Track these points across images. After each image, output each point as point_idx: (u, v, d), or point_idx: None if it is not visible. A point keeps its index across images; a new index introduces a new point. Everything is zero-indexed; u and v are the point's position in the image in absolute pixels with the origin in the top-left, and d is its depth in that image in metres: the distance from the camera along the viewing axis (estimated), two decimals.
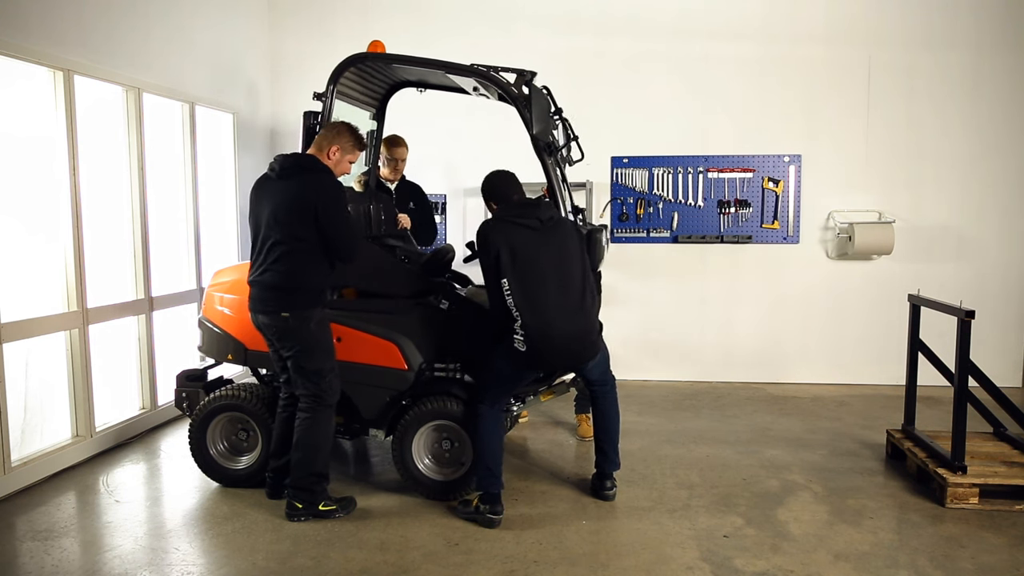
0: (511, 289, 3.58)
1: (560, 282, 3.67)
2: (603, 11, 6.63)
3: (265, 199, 3.76)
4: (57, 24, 4.35)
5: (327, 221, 3.65)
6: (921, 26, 6.40)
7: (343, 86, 4.33)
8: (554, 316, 3.61)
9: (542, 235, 3.69)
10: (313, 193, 3.65)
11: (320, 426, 3.79)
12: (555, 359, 3.75)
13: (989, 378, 4.10)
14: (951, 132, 6.43)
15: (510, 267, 3.59)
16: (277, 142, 7.08)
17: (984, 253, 6.49)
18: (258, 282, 3.76)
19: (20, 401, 4.24)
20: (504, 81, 4.14)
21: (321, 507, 3.80)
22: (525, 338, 3.58)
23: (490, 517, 3.73)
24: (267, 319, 3.75)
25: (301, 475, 3.78)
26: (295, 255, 3.68)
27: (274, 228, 3.68)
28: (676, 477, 4.42)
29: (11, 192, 4.22)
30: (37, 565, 3.34)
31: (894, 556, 3.45)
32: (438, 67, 4.22)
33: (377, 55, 4.24)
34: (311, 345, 3.75)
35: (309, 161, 3.77)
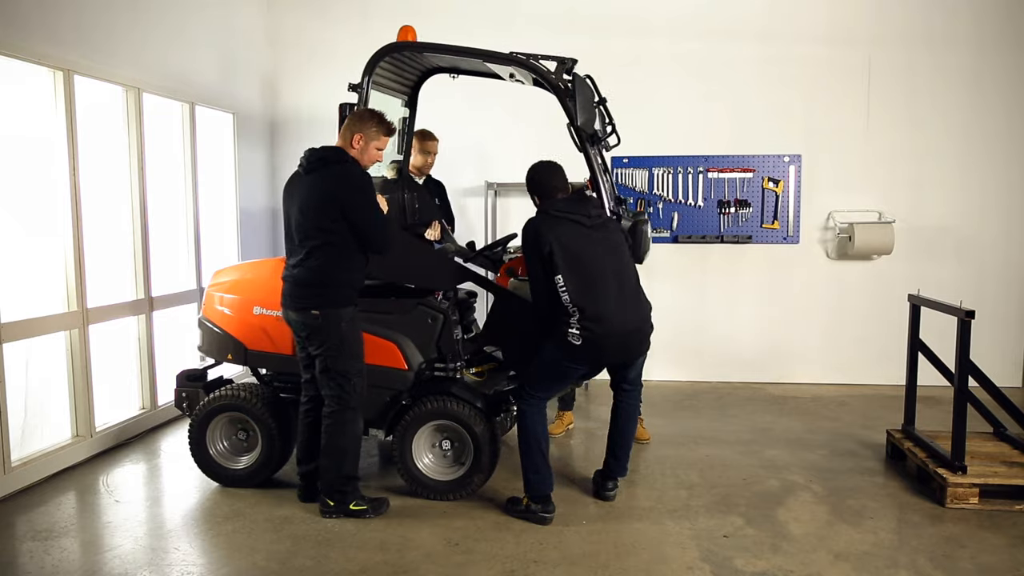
0: (566, 286, 3.54)
1: (616, 277, 3.65)
2: (603, 10, 6.63)
3: (295, 195, 3.72)
4: (57, 24, 4.35)
5: (354, 213, 3.59)
6: (921, 26, 6.39)
7: (376, 74, 4.23)
8: (614, 311, 3.59)
9: (592, 231, 3.66)
10: (337, 186, 3.59)
11: (346, 429, 3.75)
12: (611, 353, 3.72)
13: (989, 378, 4.10)
14: (951, 132, 6.43)
15: (564, 263, 3.55)
16: (277, 141, 7.09)
17: (984, 253, 6.49)
18: (290, 278, 3.73)
19: (20, 401, 4.24)
20: (544, 70, 4.05)
21: (352, 507, 3.79)
22: (582, 332, 3.54)
23: (542, 516, 3.73)
24: (298, 316, 3.71)
25: (331, 479, 3.77)
26: (325, 251, 3.63)
27: (303, 224, 3.65)
28: (676, 477, 4.42)
29: (11, 192, 4.22)
30: (37, 565, 3.34)
31: (894, 556, 3.45)
32: (476, 56, 4.13)
33: (414, 44, 4.16)
34: (340, 345, 3.70)
35: (333, 153, 3.69)
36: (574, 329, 3.56)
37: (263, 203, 6.97)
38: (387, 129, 3.77)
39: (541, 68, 4.06)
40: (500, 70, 4.32)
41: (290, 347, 4.16)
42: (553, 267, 3.56)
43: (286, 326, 4.14)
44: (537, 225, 3.64)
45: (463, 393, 3.99)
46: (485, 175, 6.79)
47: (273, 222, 7.11)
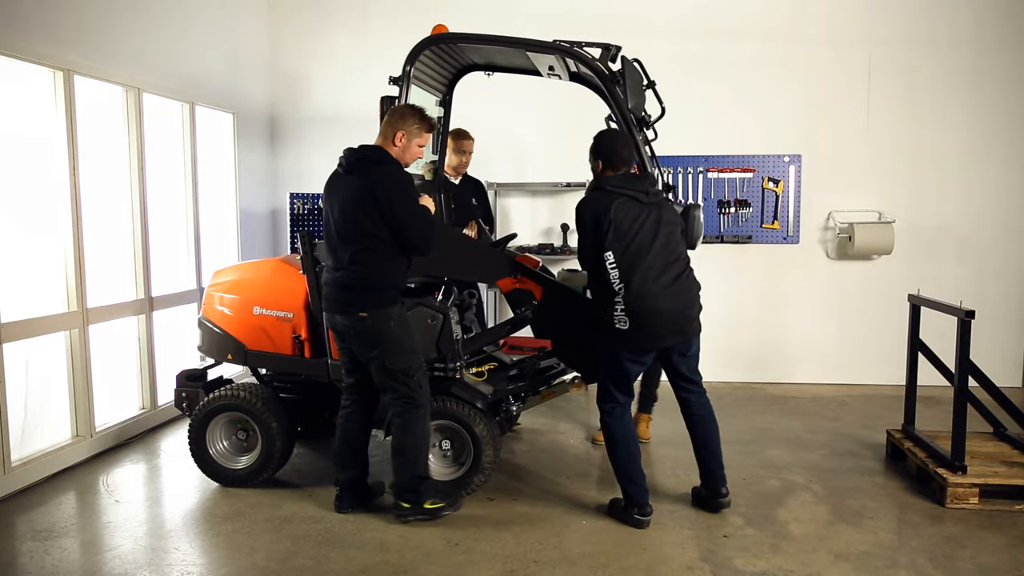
0: (615, 262, 3.50)
1: (665, 257, 3.59)
2: (602, 10, 6.62)
3: (335, 196, 3.65)
4: (57, 24, 4.35)
5: (396, 215, 3.53)
6: (922, 25, 6.39)
7: (415, 69, 4.18)
8: (660, 290, 3.53)
9: (648, 209, 3.60)
10: (379, 187, 3.52)
11: (417, 427, 3.70)
12: (659, 334, 3.61)
13: (989, 378, 4.10)
14: (951, 132, 6.43)
15: (615, 239, 3.51)
16: (277, 141, 7.09)
17: (984, 253, 6.49)
18: (333, 282, 3.67)
19: (20, 401, 4.24)
20: (589, 57, 3.99)
21: (428, 505, 3.73)
22: (627, 313, 3.50)
23: (638, 519, 3.70)
24: (345, 320, 3.65)
25: (405, 479, 3.72)
26: (369, 252, 3.58)
27: (345, 226, 3.59)
28: (676, 477, 4.42)
29: (11, 192, 4.22)
30: (37, 565, 3.34)
31: (894, 556, 3.45)
32: (519, 45, 4.07)
33: (457, 35, 4.10)
34: (393, 344, 3.65)
35: (374, 153, 3.63)
36: (619, 311, 3.50)
37: (263, 203, 6.97)
38: (428, 125, 3.71)
39: (586, 56, 3.99)
40: (540, 63, 4.24)
41: (290, 347, 4.16)
42: (605, 244, 3.52)
43: (286, 326, 4.16)
44: (595, 202, 3.58)
45: (463, 393, 3.99)
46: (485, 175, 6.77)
47: (273, 222, 7.11)
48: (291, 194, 6.66)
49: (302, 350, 4.16)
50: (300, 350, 4.16)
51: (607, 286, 3.54)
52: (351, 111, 6.97)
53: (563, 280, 4.28)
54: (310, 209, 6.58)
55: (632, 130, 4.01)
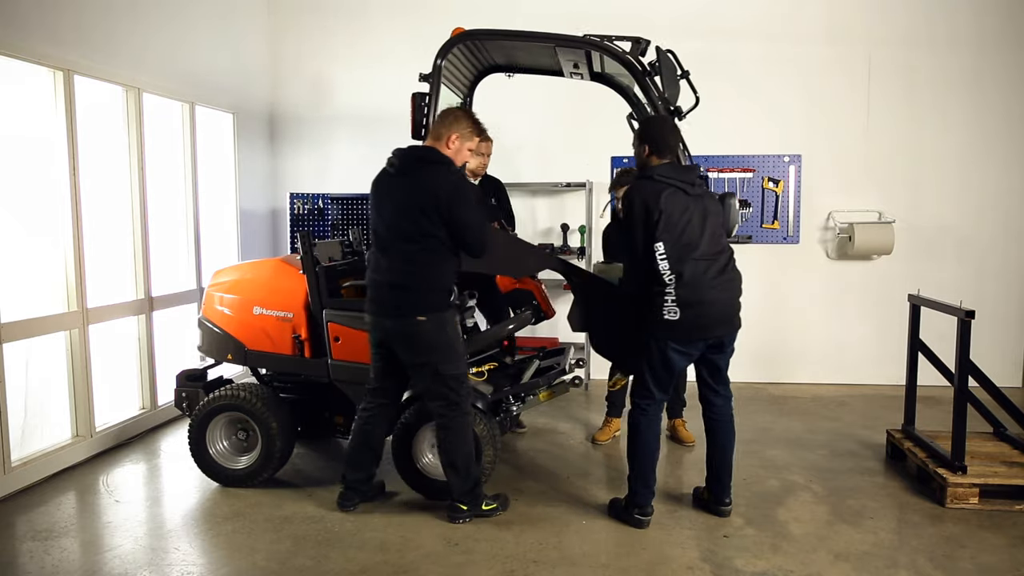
0: (666, 253, 3.48)
1: (713, 247, 3.58)
2: (603, 10, 6.62)
3: (387, 197, 3.61)
4: (57, 24, 4.35)
5: (455, 216, 3.50)
6: (922, 25, 6.39)
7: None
8: (710, 281, 3.52)
9: (694, 200, 3.58)
10: (438, 187, 3.49)
11: (467, 433, 3.70)
12: (709, 325, 3.59)
13: (989, 378, 4.10)
14: (951, 132, 6.43)
15: (666, 229, 3.48)
16: (278, 142, 7.09)
17: (984, 253, 6.49)
18: (385, 284, 3.60)
19: (20, 401, 4.24)
20: (621, 51, 3.97)
21: (484, 507, 3.76)
22: (679, 302, 3.47)
23: (639, 518, 3.70)
24: (398, 323, 3.59)
25: (462, 484, 3.72)
26: (427, 254, 3.54)
27: (400, 227, 3.53)
28: (676, 477, 4.42)
29: (11, 192, 4.22)
30: (37, 565, 3.34)
31: (894, 556, 3.45)
32: (550, 40, 4.04)
33: (489, 31, 4.07)
34: (449, 349, 3.62)
35: (430, 153, 3.61)
36: (670, 301, 3.48)
37: (263, 203, 6.97)
38: (480, 129, 3.72)
39: (617, 49, 3.97)
40: (566, 61, 4.21)
41: (290, 347, 4.16)
42: (655, 234, 3.48)
43: (286, 326, 4.15)
44: (645, 191, 3.55)
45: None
46: None
47: (273, 222, 7.11)
48: (291, 194, 6.66)
49: (302, 350, 4.16)
50: (300, 350, 4.16)
51: (656, 277, 3.50)
52: (351, 111, 6.97)
53: (599, 272, 4.23)
54: (310, 209, 6.59)
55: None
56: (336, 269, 4.33)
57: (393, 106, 6.91)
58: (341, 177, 6.95)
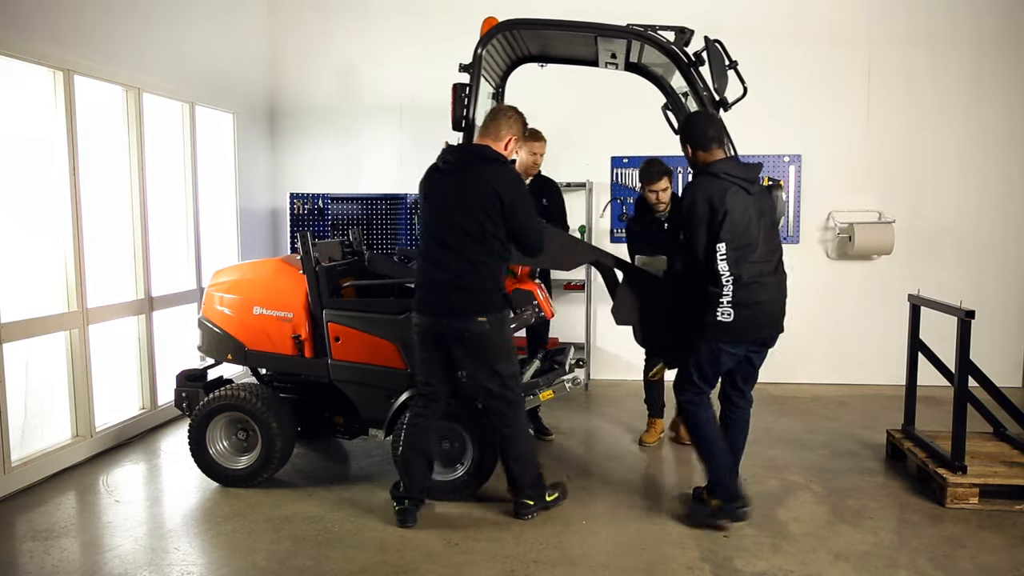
0: (727, 253, 3.42)
1: (768, 247, 3.55)
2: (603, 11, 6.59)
3: (443, 195, 3.55)
4: (57, 24, 4.35)
5: (516, 214, 3.47)
6: (922, 26, 6.39)
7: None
8: (764, 283, 3.50)
9: (754, 199, 3.53)
10: (502, 187, 3.45)
11: (524, 428, 3.72)
12: (762, 326, 3.58)
13: (989, 378, 4.10)
14: (951, 132, 6.43)
15: (728, 229, 3.41)
16: (278, 142, 7.09)
17: (984, 253, 6.48)
18: (446, 284, 3.53)
19: (20, 401, 4.24)
20: (665, 40, 3.94)
21: (548, 498, 3.79)
22: (735, 304, 3.43)
23: (739, 512, 3.65)
24: (458, 322, 3.53)
25: (531, 479, 3.73)
26: (487, 255, 3.50)
27: (463, 227, 3.47)
28: (676, 477, 4.42)
29: (11, 192, 4.22)
30: (37, 565, 3.34)
31: (894, 556, 3.45)
32: (593, 30, 4.01)
33: (530, 20, 4.03)
34: (507, 349, 3.62)
35: (489, 152, 3.56)
36: (725, 303, 3.43)
37: (263, 203, 6.97)
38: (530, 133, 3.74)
39: (661, 40, 3.94)
40: (603, 51, 4.18)
41: (290, 347, 4.16)
42: (719, 234, 3.42)
43: (286, 326, 4.15)
44: (707, 188, 3.47)
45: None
46: None
47: (273, 222, 7.11)
48: (291, 194, 6.66)
49: (302, 350, 4.16)
50: (300, 350, 4.16)
51: (715, 277, 3.44)
52: (352, 111, 6.97)
53: (643, 265, 4.19)
54: (310, 209, 6.59)
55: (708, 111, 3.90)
56: (336, 269, 4.33)
57: (393, 106, 6.94)
58: (341, 177, 6.96)
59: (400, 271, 4.62)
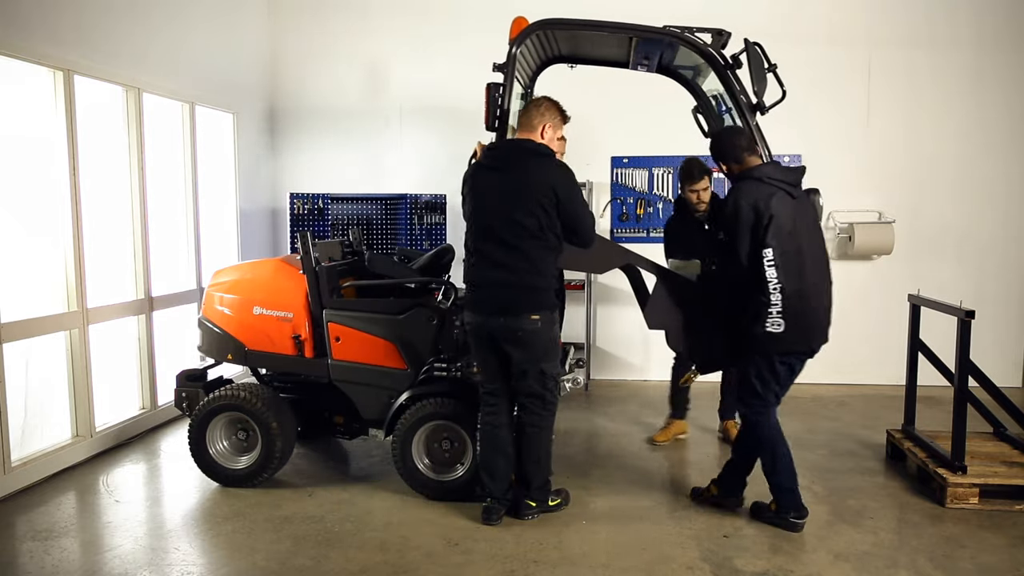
0: (775, 260, 3.36)
1: (815, 254, 3.50)
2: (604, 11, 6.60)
3: (492, 193, 3.51)
4: (57, 24, 4.35)
5: (569, 207, 3.44)
6: (921, 26, 6.39)
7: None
8: (813, 290, 3.45)
9: (798, 204, 3.49)
10: (553, 181, 3.42)
11: (550, 432, 3.72)
12: (813, 336, 3.51)
13: (989, 378, 4.10)
14: (951, 132, 6.43)
15: (775, 235, 3.36)
16: (278, 142, 7.09)
17: (984, 253, 6.48)
18: (500, 283, 3.50)
19: (20, 401, 4.24)
20: (702, 43, 3.93)
21: (550, 503, 3.79)
22: (783, 315, 3.38)
23: (793, 522, 3.63)
24: (511, 321, 3.49)
25: (541, 481, 3.74)
26: (542, 251, 3.48)
27: (519, 224, 3.43)
28: (676, 477, 4.42)
29: (11, 192, 4.22)
30: (37, 565, 3.34)
31: (894, 556, 3.45)
32: (629, 30, 4.00)
33: (567, 20, 4.01)
34: (552, 347, 3.60)
35: (536, 146, 3.52)
36: (775, 313, 3.38)
37: (263, 203, 6.97)
38: (566, 117, 3.67)
39: (698, 42, 3.93)
40: (636, 53, 4.17)
41: (290, 347, 4.16)
42: (766, 240, 3.36)
43: (286, 326, 4.16)
44: (752, 193, 3.42)
45: (463, 393, 3.98)
46: None
47: (273, 222, 7.11)
48: (291, 194, 6.66)
49: (302, 350, 4.16)
50: (300, 350, 4.16)
51: (762, 285, 3.39)
52: (352, 111, 6.97)
53: (676, 269, 4.14)
54: (310, 209, 6.58)
55: (747, 116, 3.88)
56: (336, 269, 4.33)
57: (393, 106, 6.94)
58: (341, 177, 6.96)
59: (400, 271, 4.62)
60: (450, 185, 6.85)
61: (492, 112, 3.88)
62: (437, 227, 6.53)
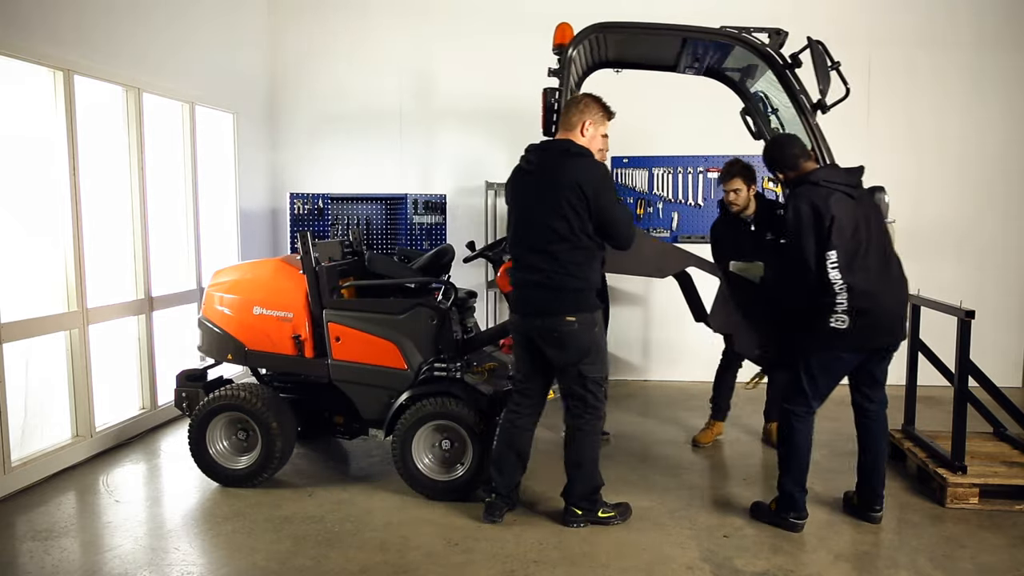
0: (838, 261, 3.37)
1: (881, 253, 3.50)
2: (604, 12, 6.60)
3: (528, 195, 3.51)
4: (57, 24, 4.35)
5: (603, 208, 3.40)
6: (921, 25, 6.39)
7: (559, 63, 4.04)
8: (881, 289, 3.44)
9: (859, 203, 3.49)
10: (584, 180, 3.37)
11: (595, 438, 3.67)
12: (880, 334, 3.50)
13: (989, 378, 4.10)
14: (951, 132, 6.43)
15: (838, 237, 3.37)
16: (278, 141, 7.09)
17: (984, 253, 6.48)
18: (534, 284, 3.51)
19: (20, 401, 4.24)
20: (760, 43, 3.88)
21: (600, 514, 3.71)
22: (849, 312, 3.37)
23: (794, 522, 3.63)
24: (548, 322, 3.49)
25: (586, 489, 3.68)
26: (576, 253, 3.44)
27: (551, 227, 3.42)
28: (676, 477, 4.42)
29: (11, 192, 4.22)
30: (37, 565, 3.34)
31: (894, 556, 3.45)
32: (685, 32, 3.97)
33: (622, 23, 3.99)
34: (595, 351, 3.57)
35: (571, 146, 3.49)
36: (839, 311, 3.38)
37: (263, 203, 6.97)
38: (610, 113, 3.61)
39: (756, 42, 3.89)
40: (686, 55, 4.17)
41: (290, 347, 4.16)
42: (829, 241, 3.37)
43: (286, 326, 4.16)
44: (814, 198, 3.42)
45: (463, 393, 3.99)
46: (484, 175, 6.78)
47: (273, 222, 7.11)
48: (291, 194, 6.66)
49: (302, 350, 4.16)
50: (300, 350, 4.16)
51: (826, 286, 3.39)
52: (352, 111, 6.98)
53: (740, 271, 4.10)
54: (310, 209, 6.58)
55: (808, 117, 3.83)
56: (336, 269, 4.33)
57: (393, 106, 6.94)
58: (341, 177, 6.96)
59: (400, 271, 4.62)
60: (449, 185, 6.87)
61: (548, 117, 3.86)
62: (437, 227, 6.54)
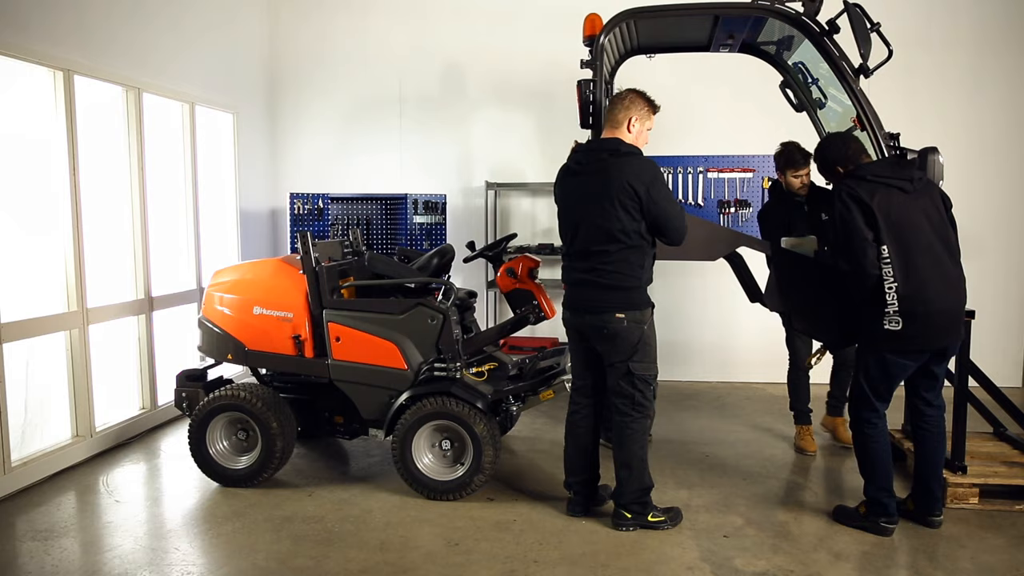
0: (889, 257, 3.29)
1: (941, 249, 3.38)
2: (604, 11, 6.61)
3: (578, 195, 3.51)
4: (57, 24, 4.35)
5: (655, 204, 3.38)
6: (921, 26, 6.40)
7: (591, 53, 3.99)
8: (936, 287, 3.33)
9: (914, 198, 3.39)
10: (635, 178, 3.36)
11: (643, 438, 3.65)
12: (936, 335, 3.39)
13: (989, 378, 4.10)
14: (951, 132, 6.42)
15: (886, 233, 3.30)
16: (278, 142, 7.09)
17: (984, 253, 6.48)
18: (587, 282, 3.53)
19: (20, 401, 4.24)
20: (794, 12, 3.86)
21: (650, 518, 3.67)
22: (901, 313, 3.30)
23: (885, 526, 3.59)
24: (598, 320, 3.50)
25: (635, 490, 3.65)
26: (629, 250, 3.44)
27: (602, 227, 3.42)
28: (676, 477, 4.42)
29: (11, 192, 4.22)
30: (37, 565, 3.34)
31: (894, 556, 3.45)
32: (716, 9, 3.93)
33: (654, 8, 3.94)
34: (644, 350, 3.56)
35: (619, 144, 3.47)
36: (892, 312, 3.32)
37: (263, 203, 6.97)
38: (655, 106, 3.59)
39: (790, 12, 3.86)
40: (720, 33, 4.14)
41: (290, 347, 4.16)
42: (877, 237, 3.31)
43: (286, 326, 4.16)
44: (858, 190, 3.35)
45: (463, 393, 3.99)
46: (485, 175, 6.79)
47: (273, 222, 7.11)
48: (291, 194, 6.66)
49: (302, 350, 4.16)
50: (300, 350, 4.16)
51: (878, 283, 3.34)
52: (352, 111, 6.98)
53: (792, 247, 4.02)
54: (310, 209, 6.59)
55: (851, 83, 3.79)
56: (336, 269, 4.34)
57: (393, 106, 6.95)
58: (341, 177, 6.96)
59: (400, 271, 4.62)
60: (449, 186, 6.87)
61: (585, 110, 3.83)
62: (437, 227, 6.54)
